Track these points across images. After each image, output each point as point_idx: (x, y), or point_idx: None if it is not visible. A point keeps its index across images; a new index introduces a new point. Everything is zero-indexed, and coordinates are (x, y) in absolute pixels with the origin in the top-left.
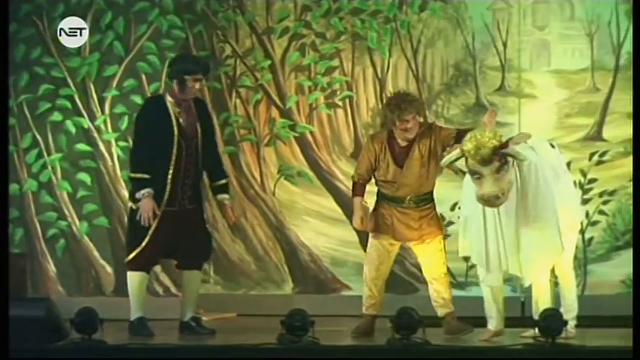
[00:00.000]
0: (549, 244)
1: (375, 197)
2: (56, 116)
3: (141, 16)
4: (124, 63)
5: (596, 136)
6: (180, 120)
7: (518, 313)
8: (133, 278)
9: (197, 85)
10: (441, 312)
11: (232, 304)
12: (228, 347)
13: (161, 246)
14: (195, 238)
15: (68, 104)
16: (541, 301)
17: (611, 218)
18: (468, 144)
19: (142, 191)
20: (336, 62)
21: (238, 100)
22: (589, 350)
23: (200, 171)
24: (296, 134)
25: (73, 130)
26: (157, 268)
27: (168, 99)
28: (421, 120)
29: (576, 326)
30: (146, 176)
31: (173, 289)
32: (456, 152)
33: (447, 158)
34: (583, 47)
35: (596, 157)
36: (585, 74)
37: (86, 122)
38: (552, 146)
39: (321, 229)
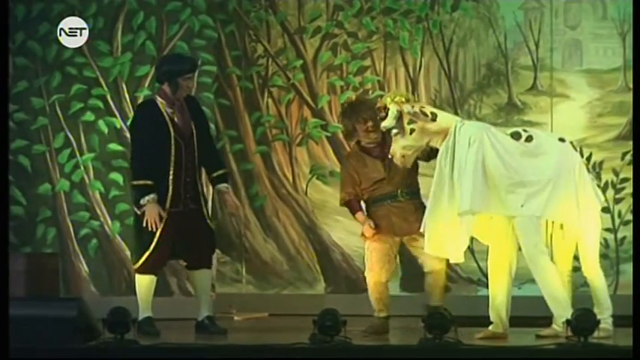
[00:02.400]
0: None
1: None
2: (88, 116)
3: (173, 16)
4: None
5: (629, 135)
6: (175, 120)
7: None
8: (142, 281)
9: (189, 84)
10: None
11: (264, 304)
12: (260, 347)
13: (168, 248)
14: (200, 237)
15: (100, 104)
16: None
17: None
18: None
19: (146, 197)
20: (367, 62)
21: (270, 100)
22: (621, 350)
23: (199, 168)
24: (328, 134)
25: (105, 130)
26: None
27: (160, 101)
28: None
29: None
30: (149, 182)
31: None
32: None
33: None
34: (615, 46)
35: (628, 157)
36: (617, 73)
37: (118, 122)
38: (562, 140)
39: (352, 229)
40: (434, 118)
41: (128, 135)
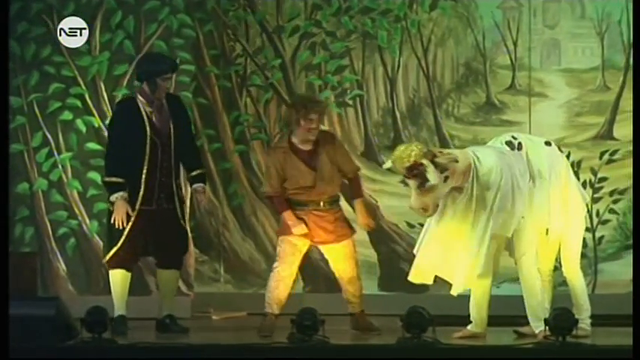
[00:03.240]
0: (469, 261)
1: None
2: (66, 115)
3: (151, 15)
4: (135, 62)
5: (607, 134)
6: (153, 119)
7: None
8: (115, 276)
9: (167, 84)
10: (352, 310)
11: (243, 303)
12: (239, 346)
13: (138, 244)
14: (172, 237)
15: (78, 103)
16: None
17: (622, 217)
18: (393, 154)
19: (116, 195)
20: (346, 61)
21: (249, 99)
22: (599, 349)
23: (177, 168)
24: None
25: (83, 129)
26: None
27: (140, 99)
28: (322, 127)
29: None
30: (119, 180)
31: (183, 288)
32: (389, 160)
33: (386, 164)
34: (593, 46)
35: (606, 156)
36: (596, 73)
37: (97, 121)
38: (548, 144)
39: None
40: (457, 159)
41: (106, 134)
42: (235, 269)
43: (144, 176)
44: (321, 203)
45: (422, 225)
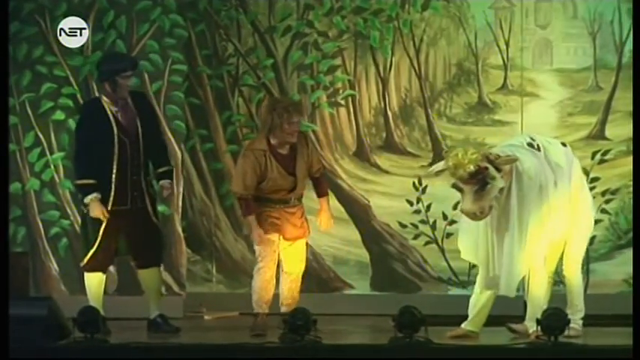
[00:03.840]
0: (523, 256)
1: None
2: (58, 115)
3: (143, 15)
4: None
5: (599, 134)
6: (119, 118)
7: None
8: (90, 280)
9: (128, 82)
10: (288, 309)
11: (235, 303)
12: (231, 346)
13: (114, 245)
14: (147, 236)
15: (70, 103)
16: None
17: (614, 217)
18: (449, 161)
19: (89, 196)
20: (338, 61)
21: (241, 99)
22: (591, 349)
23: (147, 166)
24: None
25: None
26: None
27: (104, 100)
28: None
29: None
30: (91, 181)
31: (175, 288)
32: (441, 164)
33: (433, 168)
34: (585, 46)
35: (598, 156)
36: (588, 73)
37: None
38: (564, 145)
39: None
40: (515, 158)
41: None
42: (227, 269)
43: (114, 176)
44: (292, 200)
45: (414, 225)
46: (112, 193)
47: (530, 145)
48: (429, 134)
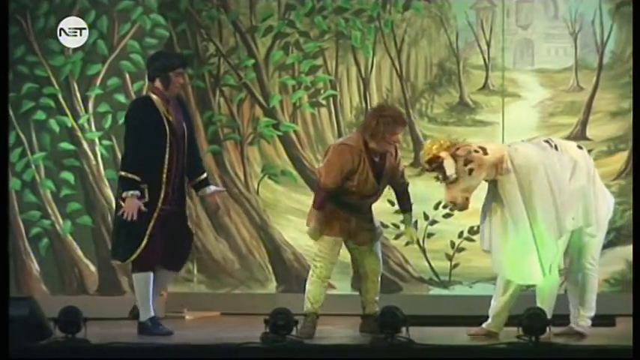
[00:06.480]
0: (522, 251)
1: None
2: (40, 115)
3: (124, 15)
4: (108, 62)
5: (580, 135)
6: (170, 118)
7: None
8: (139, 279)
9: (180, 80)
10: (370, 310)
11: (216, 303)
12: (212, 346)
13: (160, 245)
14: (180, 240)
15: (52, 103)
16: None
17: None
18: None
19: (130, 192)
20: (319, 61)
21: (222, 99)
22: (572, 349)
23: (184, 170)
24: (280, 133)
25: (56, 128)
26: None
27: (155, 98)
28: None
29: (559, 325)
30: (136, 178)
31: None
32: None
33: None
34: (567, 46)
35: None
36: (569, 73)
37: (70, 121)
38: (580, 148)
39: (304, 228)
40: (485, 151)
41: (80, 134)
42: (208, 269)
43: (164, 177)
44: (366, 206)
45: (395, 225)
46: (162, 194)
47: (547, 142)
48: (411, 134)
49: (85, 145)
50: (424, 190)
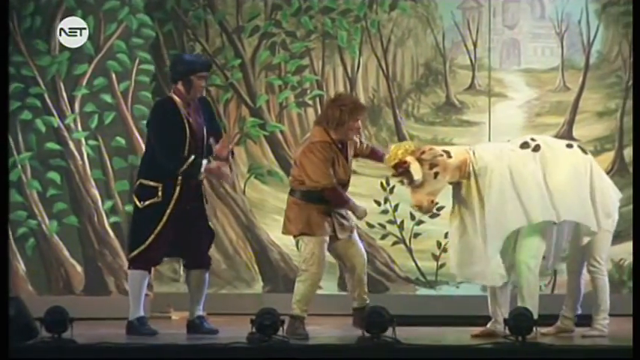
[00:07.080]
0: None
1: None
2: (26, 115)
3: (111, 15)
4: (94, 62)
5: (567, 135)
6: (190, 120)
7: None
8: (135, 277)
9: (202, 83)
10: (360, 304)
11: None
12: (198, 346)
13: (165, 245)
14: (201, 237)
15: (38, 103)
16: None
17: None
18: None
19: (149, 201)
20: (306, 61)
21: (208, 99)
22: (558, 349)
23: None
24: (266, 133)
25: (42, 128)
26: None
27: (177, 100)
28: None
29: (544, 325)
30: (156, 185)
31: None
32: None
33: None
34: (553, 46)
35: None
36: (555, 73)
37: (56, 121)
38: (570, 146)
39: None
40: (449, 155)
41: (66, 134)
42: None
43: (180, 178)
44: None
45: (381, 225)
46: (177, 194)
47: (524, 143)
48: (397, 134)
49: (72, 145)
50: (408, 190)
